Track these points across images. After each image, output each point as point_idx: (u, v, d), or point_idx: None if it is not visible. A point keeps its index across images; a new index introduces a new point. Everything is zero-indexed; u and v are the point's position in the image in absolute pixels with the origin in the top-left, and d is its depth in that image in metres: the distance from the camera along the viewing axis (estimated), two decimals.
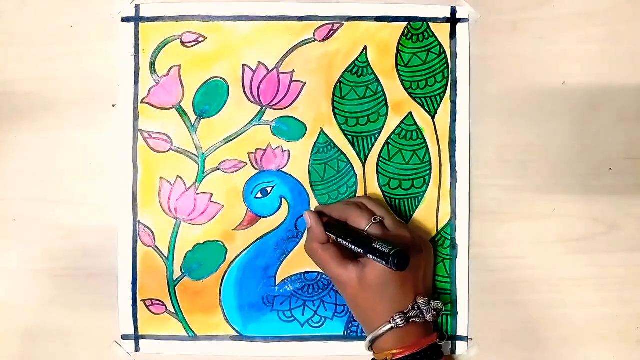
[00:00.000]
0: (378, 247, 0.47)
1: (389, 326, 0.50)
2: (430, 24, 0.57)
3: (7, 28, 0.57)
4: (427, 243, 0.56)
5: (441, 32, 0.57)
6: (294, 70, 0.57)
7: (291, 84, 0.57)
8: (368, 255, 0.48)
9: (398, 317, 0.50)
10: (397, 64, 0.57)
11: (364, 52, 0.57)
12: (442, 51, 0.57)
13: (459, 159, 0.57)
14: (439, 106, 0.57)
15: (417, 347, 0.50)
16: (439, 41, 0.57)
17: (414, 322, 0.50)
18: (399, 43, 0.57)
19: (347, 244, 0.50)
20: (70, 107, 0.57)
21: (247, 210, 0.57)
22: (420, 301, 0.51)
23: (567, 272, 0.57)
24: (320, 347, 0.57)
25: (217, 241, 0.57)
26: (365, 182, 0.57)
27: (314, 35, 0.57)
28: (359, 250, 0.49)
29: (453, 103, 0.57)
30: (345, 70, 0.57)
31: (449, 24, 0.57)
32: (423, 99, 0.57)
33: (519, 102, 0.57)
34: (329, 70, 0.57)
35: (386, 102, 0.57)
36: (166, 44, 0.57)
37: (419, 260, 0.52)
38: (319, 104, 0.57)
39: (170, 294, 0.57)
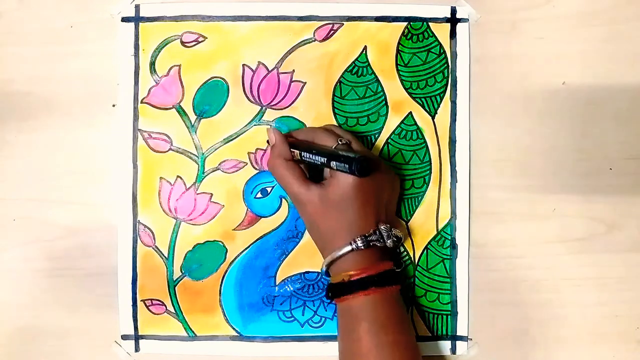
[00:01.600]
0: (343, 153, 0.46)
1: (349, 247, 0.49)
2: (430, 24, 0.57)
3: (7, 28, 0.57)
4: (394, 173, 0.55)
5: (441, 32, 0.57)
6: (294, 70, 0.57)
7: (291, 84, 0.57)
8: (331, 163, 0.47)
9: (359, 239, 0.49)
10: (397, 64, 0.57)
11: (364, 52, 0.57)
12: (442, 51, 0.57)
13: (459, 159, 0.57)
14: (439, 106, 0.57)
15: (374, 269, 0.50)
16: (439, 41, 0.57)
17: (373, 246, 0.50)
18: (399, 43, 0.57)
19: (312, 156, 0.49)
20: (70, 107, 0.57)
21: (247, 210, 0.57)
22: (382, 227, 0.50)
23: (567, 272, 0.57)
24: (320, 347, 0.57)
25: (217, 241, 0.57)
26: None
27: (314, 35, 0.57)
28: (322, 160, 0.48)
29: (453, 103, 0.57)
30: (345, 70, 0.57)
31: (449, 24, 0.57)
32: (423, 99, 0.57)
33: (519, 102, 0.57)
34: (329, 70, 0.57)
35: (386, 102, 0.57)
36: (166, 44, 0.57)
37: (382, 183, 0.52)
38: (319, 104, 0.57)
39: (170, 294, 0.57)
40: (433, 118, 0.57)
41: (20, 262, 0.57)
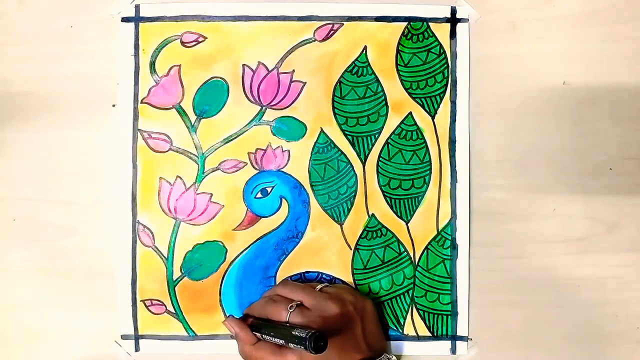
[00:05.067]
0: (296, 333, 0.47)
1: None
2: (430, 24, 0.57)
3: (7, 28, 0.57)
4: (362, 301, 0.54)
5: (441, 32, 0.57)
6: (294, 70, 0.57)
7: (291, 84, 0.57)
8: (289, 345, 0.48)
9: None
10: (397, 64, 0.57)
11: (364, 52, 0.57)
12: (442, 51, 0.57)
13: (459, 159, 0.57)
14: (438, 106, 0.57)
15: None
16: (439, 41, 0.57)
17: None
18: (399, 43, 0.57)
19: (271, 338, 0.50)
20: (70, 107, 0.57)
21: (247, 210, 0.57)
22: None
23: (567, 272, 0.57)
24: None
25: (217, 241, 0.57)
26: (365, 182, 0.57)
27: (314, 35, 0.57)
28: (280, 342, 0.49)
29: (453, 103, 0.57)
30: (345, 70, 0.57)
31: (449, 24, 0.57)
32: (423, 99, 0.57)
33: (519, 102, 0.57)
34: (329, 70, 0.57)
35: (386, 102, 0.57)
36: (166, 44, 0.57)
37: (352, 325, 0.51)
38: (319, 104, 0.57)
39: (170, 294, 0.57)
40: (433, 118, 0.57)
41: (20, 262, 0.57)
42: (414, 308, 0.57)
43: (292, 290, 0.53)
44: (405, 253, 0.57)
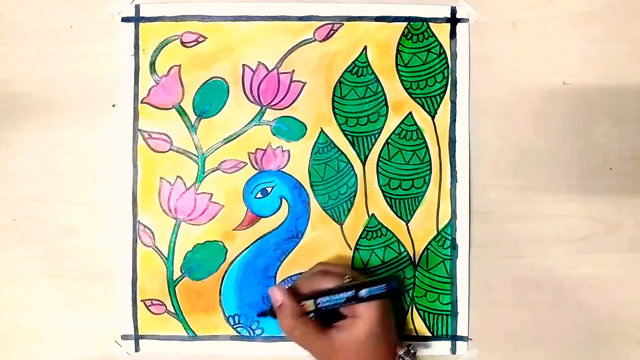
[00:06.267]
0: (368, 280, 0.46)
1: None
2: (430, 24, 0.57)
3: (7, 28, 0.57)
4: None
5: (441, 32, 0.57)
6: (294, 70, 0.57)
7: (291, 84, 0.57)
8: (360, 292, 0.47)
9: None
10: (397, 64, 0.57)
11: (364, 52, 0.57)
12: (442, 51, 0.57)
13: (459, 159, 0.57)
14: (438, 106, 0.57)
15: None
16: (439, 41, 0.57)
17: None
18: (399, 43, 0.57)
19: (331, 298, 0.49)
20: (70, 107, 0.57)
21: (247, 210, 0.57)
22: (401, 353, 0.51)
23: (567, 272, 0.57)
24: None
25: (217, 241, 0.57)
26: (365, 182, 0.57)
27: (314, 35, 0.57)
28: (348, 294, 0.48)
29: (453, 103, 0.57)
30: (345, 70, 0.57)
31: (449, 24, 0.57)
32: (423, 99, 0.57)
33: (519, 102, 0.57)
34: (329, 70, 0.57)
35: (386, 102, 0.57)
36: (166, 44, 0.57)
37: (389, 307, 0.52)
38: (319, 104, 0.57)
39: (170, 294, 0.57)
40: (433, 118, 0.57)
41: (20, 262, 0.57)
42: (414, 308, 0.57)
43: (337, 266, 0.53)
44: (405, 253, 0.57)
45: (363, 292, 0.47)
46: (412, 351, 0.51)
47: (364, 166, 0.57)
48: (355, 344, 0.49)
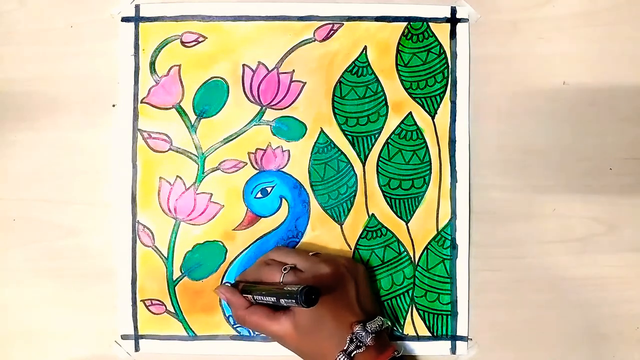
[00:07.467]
0: (288, 288, 0.47)
1: None
2: (430, 24, 0.57)
3: (7, 28, 0.57)
4: (354, 265, 0.54)
5: (441, 32, 0.57)
6: (294, 70, 0.57)
7: (291, 84, 0.57)
8: (281, 301, 0.48)
9: (341, 356, 0.49)
10: (397, 64, 0.57)
11: (364, 52, 0.57)
12: (442, 51, 0.57)
13: (459, 159, 0.57)
14: (438, 106, 0.57)
15: None
16: (439, 41, 0.57)
17: (359, 353, 0.49)
18: (399, 43, 0.57)
19: (262, 297, 0.50)
20: (70, 107, 0.57)
21: (247, 210, 0.57)
22: (356, 329, 0.49)
23: (567, 272, 0.57)
24: None
25: (217, 241, 0.57)
26: (365, 182, 0.57)
27: (314, 35, 0.57)
28: (272, 300, 0.49)
29: (453, 103, 0.57)
30: (345, 70, 0.57)
31: (449, 24, 0.57)
32: (423, 99, 0.57)
33: (519, 102, 0.57)
34: (329, 70, 0.57)
35: (386, 102, 0.57)
36: (166, 44, 0.57)
37: (345, 286, 0.51)
38: (319, 104, 0.57)
39: (170, 294, 0.57)
40: (433, 118, 0.57)
41: (20, 262, 0.57)
42: (414, 308, 0.57)
43: (285, 254, 0.54)
44: (405, 253, 0.57)
45: (282, 302, 0.48)
46: (368, 327, 0.49)
47: (364, 166, 0.57)
48: (299, 328, 0.50)
